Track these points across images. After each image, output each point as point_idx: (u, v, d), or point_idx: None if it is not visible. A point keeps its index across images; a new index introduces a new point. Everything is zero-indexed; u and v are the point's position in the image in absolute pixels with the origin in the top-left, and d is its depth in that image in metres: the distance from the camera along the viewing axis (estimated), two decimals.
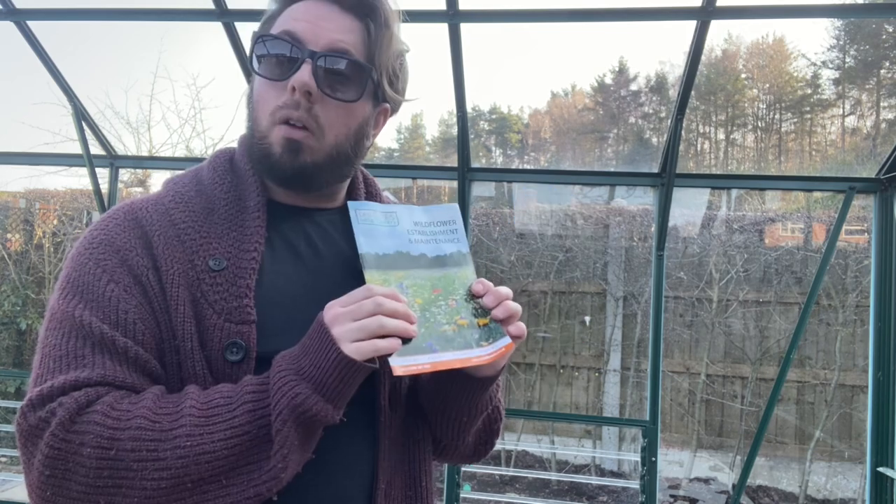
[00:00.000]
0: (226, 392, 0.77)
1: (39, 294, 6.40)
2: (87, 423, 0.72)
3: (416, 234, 0.89)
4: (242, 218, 0.90)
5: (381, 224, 0.87)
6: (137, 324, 0.80)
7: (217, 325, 0.82)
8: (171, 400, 0.76)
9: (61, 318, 0.80)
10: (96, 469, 0.72)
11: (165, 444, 0.72)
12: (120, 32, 7.73)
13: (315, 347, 0.76)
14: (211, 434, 0.73)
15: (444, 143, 7.72)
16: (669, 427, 5.80)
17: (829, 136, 11.00)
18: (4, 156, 3.89)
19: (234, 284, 0.84)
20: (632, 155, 11.50)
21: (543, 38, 9.70)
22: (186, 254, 0.85)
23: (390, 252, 0.86)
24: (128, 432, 0.72)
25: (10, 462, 5.81)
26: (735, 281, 5.65)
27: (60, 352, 0.78)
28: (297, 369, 0.75)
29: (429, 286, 0.86)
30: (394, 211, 0.89)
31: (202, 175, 0.95)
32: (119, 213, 0.89)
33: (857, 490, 5.31)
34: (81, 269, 0.83)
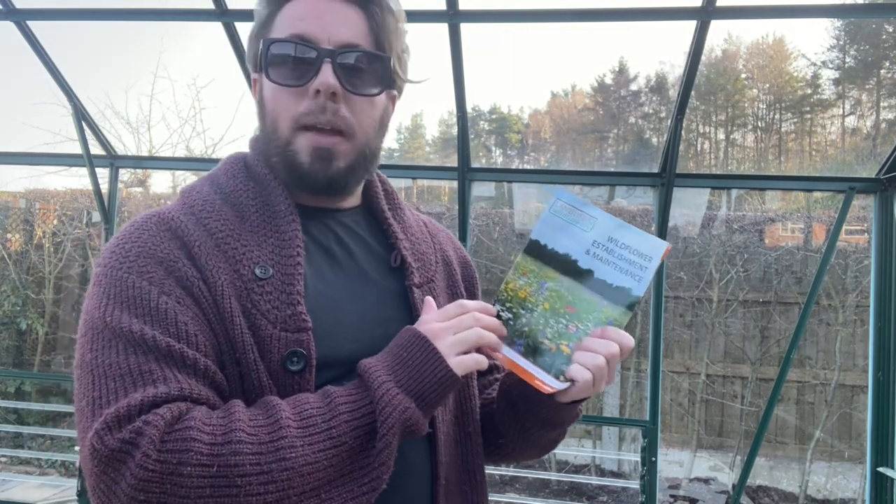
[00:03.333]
0: (314, 403, 0.75)
1: (39, 294, 6.40)
2: (183, 441, 0.67)
3: (602, 250, 0.82)
4: (276, 224, 0.85)
5: (574, 223, 0.83)
6: (199, 336, 0.76)
7: (273, 335, 0.78)
8: (261, 412, 0.73)
9: (112, 335, 0.74)
10: (198, 488, 0.67)
11: (268, 456, 0.69)
12: (120, 32, 7.73)
13: (417, 361, 0.77)
14: (311, 445, 0.71)
15: (444, 143, 7.72)
16: (669, 427, 5.80)
17: (829, 136, 11.00)
18: (4, 156, 3.89)
19: (283, 292, 0.81)
20: (632, 155, 11.49)
21: (543, 38, 9.69)
22: (230, 263, 0.81)
23: (559, 251, 0.83)
24: (228, 447, 0.68)
25: (10, 462, 5.81)
26: (735, 281, 5.65)
27: (121, 370, 0.72)
28: (398, 381, 0.76)
29: (567, 300, 0.82)
30: (595, 217, 0.83)
31: (220, 182, 0.90)
32: (149, 223, 0.82)
33: (857, 490, 5.31)
34: (122, 283, 0.76)
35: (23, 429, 5.91)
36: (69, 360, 6.38)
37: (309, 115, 0.83)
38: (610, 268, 0.82)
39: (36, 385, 6.28)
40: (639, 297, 0.81)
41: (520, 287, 0.83)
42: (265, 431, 0.70)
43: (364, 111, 0.87)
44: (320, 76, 0.82)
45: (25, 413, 6.17)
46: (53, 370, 6.36)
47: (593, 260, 0.82)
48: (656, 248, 0.82)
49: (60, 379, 5.99)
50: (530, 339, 0.82)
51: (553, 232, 0.82)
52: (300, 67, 0.84)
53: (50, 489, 5.02)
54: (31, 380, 6.30)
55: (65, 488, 4.93)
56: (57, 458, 5.66)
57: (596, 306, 0.82)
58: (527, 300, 0.83)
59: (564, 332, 0.82)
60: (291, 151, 0.85)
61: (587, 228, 0.82)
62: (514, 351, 0.82)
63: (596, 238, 0.82)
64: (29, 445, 6.07)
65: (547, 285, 0.82)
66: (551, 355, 0.81)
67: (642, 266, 0.81)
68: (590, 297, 0.82)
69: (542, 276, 0.82)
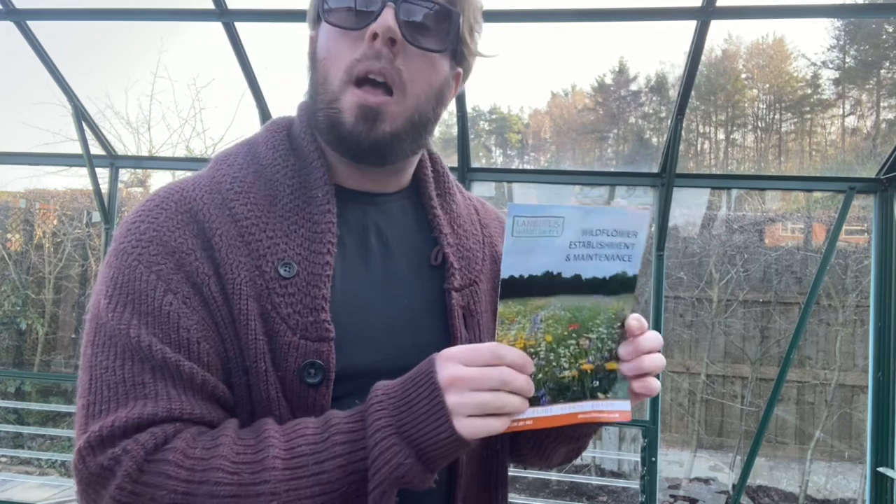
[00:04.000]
0: (310, 437, 0.67)
1: (39, 294, 6.41)
2: (158, 476, 0.64)
3: (581, 246, 0.71)
4: (310, 210, 0.78)
5: (542, 234, 0.69)
6: (202, 343, 0.71)
7: (292, 343, 0.72)
8: (250, 444, 0.67)
9: (111, 333, 0.70)
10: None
11: (246, 501, 0.64)
12: (120, 32, 7.73)
13: (422, 409, 0.65)
14: (297, 491, 0.64)
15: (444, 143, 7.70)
16: (669, 427, 5.80)
17: (829, 136, 11.00)
18: (4, 156, 3.89)
19: (307, 295, 0.73)
20: (632, 155, 11.49)
21: (543, 38, 9.70)
22: (252, 258, 0.74)
23: (537, 274, 0.69)
24: (204, 487, 0.64)
25: (10, 462, 5.81)
26: (735, 281, 5.65)
27: (116, 377, 0.69)
28: (399, 426, 0.65)
29: (567, 319, 0.72)
30: (562, 216, 0.69)
31: (259, 153, 0.82)
32: (170, 202, 0.76)
33: (857, 490, 5.31)
34: (130, 272, 0.72)
35: (23, 429, 5.91)
36: (69, 360, 6.39)
37: (362, 62, 0.75)
38: (595, 262, 0.72)
39: (36, 385, 6.28)
40: (635, 275, 0.74)
41: (513, 338, 0.70)
42: (248, 471, 0.65)
43: (421, 71, 0.78)
44: (380, 19, 0.74)
45: (25, 413, 6.17)
46: (53, 370, 6.36)
47: (576, 263, 0.71)
48: (639, 221, 0.72)
49: (60, 379, 6.00)
50: (550, 382, 0.71)
51: (523, 257, 0.68)
52: (361, 13, 0.76)
53: (50, 489, 5.02)
54: (31, 380, 6.30)
55: (65, 488, 4.93)
56: (57, 458, 5.66)
57: (599, 307, 0.73)
58: (527, 348, 0.70)
59: (579, 352, 0.73)
60: (336, 109, 0.77)
61: (557, 233, 0.69)
62: (540, 406, 0.70)
63: (571, 238, 0.70)
64: (29, 445, 6.07)
65: (540, 317, 0.71)
66: (577, 381, 0.72)
67: (628, 244, 0.72)
68: (588, 302, 0.73)
69: (531, 312, 0.70)
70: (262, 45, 3.13)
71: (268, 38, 3.29)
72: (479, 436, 0.65)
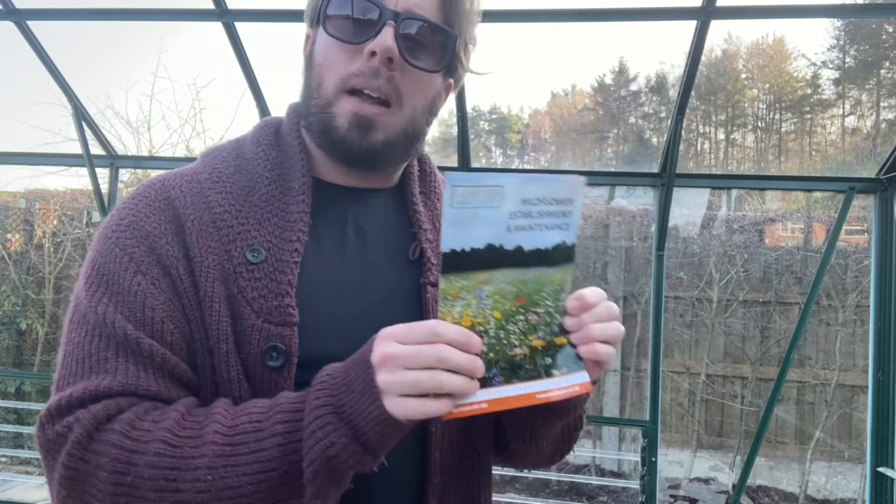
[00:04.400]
0: (255, 415, 0.68)
1: (39, 294, 6.41)
2: (105, 444, 0.66)
3: (521, 217, 0.68)
4: (285, 201, 0.80)
5: (482, 205, 0.66)
6: (166, 322, 0.73)
7: (255, 325, 0.73)
8: (198, 420, 0.68)
9: (85, 311, 0.74)
10: (112, 495, 0.65)
11: (185, 474, 0.65)
12: (120, 32, 7.73)
13: (358, 388, 0.64)
14: (235, 467, 0.65)
15: (444, 143, 7.69)
16: (669, 427, 5.80)
17: (829, 136, 11.00)
18: (4, 156, 3.89)
19: (273, 280, 0.75)
20: (632, 155, 11.49)
21: (543, 38, 9.70)
22: (222, 243, 0.76)
23: (479, 247, 0.67)
24: (145, 458, 0.65)
25: (10, 462, 5.81)
26: (735, 281, 5.65)
27: (83, 352, 0.72)
28: (338, 406, 0.64)
29: (513, 293, 0.69)
30: (501, 185, 0.66)
31: (244, 148, 0.85)
32: (150, 191, 0.79)
33: (857, 490, 5.31)
34: (108, 254, 0.75)
35: (23, 429, 5.91)
36: None
37: (358, 77, 0.77)
38: (536, 232, 0.70)
39: (36, 385, 6.28)
40: (574, 244, 0.72)
41: (458, 316, 0.66)
42: (190, 444, 0.66)
43: (417, 87, 0.80)
44: (380, 38, 0.76)
45: (25, 413, 6.16)
46: (53, 370, 6.35)
47: (517, 234, 0.68)
48: (574, 187, 0.71)
49: None
50: (502, 362, 0.68)
51: (464, 229, 0.66)
52: (360, 25, 0.78)
53: None
54: (31, 380, 6.30)
55: None
56: None
57: (543, 280, 0.71)
58: (474, 326, 0.67)
59: (527, 328, 0.70)
60: (330, 114, 0.79)
61: (497, 203, 0.66)
62: (493, 387, 0.67)
63: (511, 209, 0.67)
64: (29, 445, 6.06)
65: (485, 292, 0.67)
66: (529, 360, 0.70)
67: (566, 212, 0.71)
68: (532, 274, 0.70)
69: (475, 287, 0.67)
70: (262, 45, 3.13)
71: (268, 38, 3.29)
72: (414, 417, 0.62)
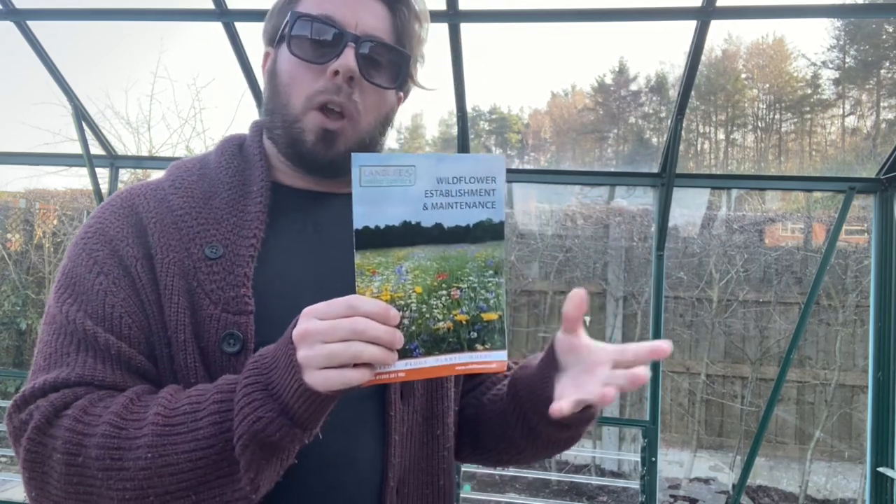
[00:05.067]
0: (194, 397, 0.71)
1: (39, 294, 6.40)
2: (59, 428, 0.71)
3: (438, 195, 0.69)
4: (244, 203, 0.86)
5: (393, 184, 0.68)
6: (124, 318, 0.78)
7: (213, 315, 0.79)
8: (144, 404, 0.73)
9: (54, 313, 0.80)
10: (66, 475, 0.70)
11: (128, 453, 0.69)
12: (120, 32, 7.74)
13: (283, 364, 0.67)
14: (174, 445, 0.68)
15: (444, 143, 7.65)
16: (669, 427, 5.80)
17: (829, 136, 10.99)
18: (4, 156, 3.89)
19: (230, 273, 0.81)
20: (632, 155, 11.49)
21: (543, 38, 9.69)
22: (183, 241, 0.82)
23: (395, 224, 0.68)
24: (93, 439, 0.70)
25: (10, 462, 5.81)
26: (735, 281, 5.65)
27: (50, 349, 0.78)
28: (267, 383, 0.67)
29: (434, 269, 0.70)
30: (412, 165, 0.68)
31: (209, 160, 0.92)
32: (116, 200, 0.87)
33: (857, 490, 5.31)
34: (76, 259, 0.82)
35: None
36: None
37: (323, 94, 0.85)
38: (456, 210, 0.70)
39: None
40: (501, 221, 0.72)
41: (377, 291, 0.68)
42: (134, 426, 0.70)
43: (374, 102, 0.89)
44: (342, 58, 0.84)
45: None
46: None
47: (435, 212, 0.69)
48: (494, 165, 0.71)
49: None
50: (423, 335, 0.70)
51: (376, 207, 0.67)
52: (323, 47, 0.85)
53: None
54: None
55: None
56: None
57: (465, 256, 0.71)
58: (394, 301, 0.68)
59: (451, 303, 0.71)
60: (298, 129, 0.86)
61: (410, 182, 0.68)
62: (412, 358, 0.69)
63: (426, 187, 0.68)
64: None
65: (404, 268, 0.69)
66: (452, 333, 0.71)
67: (488, 190, 0.71)
68: (453, 251, 0.71)
69: (393, 263, 0.68)
70: (261, 45, 3.13)
71: None
72: (335, 387, 0.64)
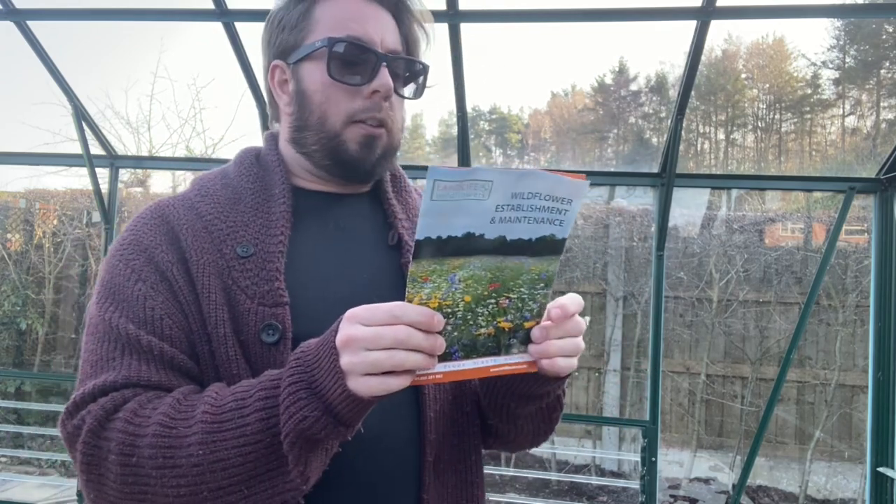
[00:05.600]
0: (240, 393, 0.73)
1: (39, 294, 6.40)
2: (112, 431, 0.74)
3: (508, 209, 0.67)
4: (268, 205, 0.91)
5: (466, 198, 0.64)
6: (164, 319, 0.82)
7: (251, 309, 0.83)
8: (191, 402, 0.75)
9: (97, 322, 0.84)
10: (122, 475, 0.73)
11: (180, 451, 0.71)
12: (120, 32, 7.72)
13: (326, 366, 0.68)
14: (224, 441, 0.70)
15: (444, 143, 7.71)
16: (669, 427, 5.80)
17: (829, 136, 10.99)
18: (4, 156, 3.89)
19: (263, 269, 0.85)
20: (632, 155, 11.49)
21: (543, 38, 9.70)
22: (214, 243, 0.86)
23: (457, 235, 0.66)
24: (146, 439, 0.72)
25: (10, 462, 5.81)
26: (735, 281, 5.65)
27: (95, 356, 0.82)
28: (311, 381, 0.69)
29: (487, 279, 0.69)
30: (490, 180, 0.64)
31: (228, 171, 0.98)
32: (147, 212, 0.91)
33: (857, 490, 5.31)
34: (113, 271, 0.86)
35: (23, 429, 5.91)
36: (69, 360, 6.38)
37: (364, 112, 0.90)
38: (523, 224, 0.68)
39: (36, 385, 6.28)
40: (564, 238, 0.70)
41: (427, 298, 0.67)
42: (183, 425, 0.73)
43: (400, 111, 0.97)
44: (380, 79, 0.90)
45: (25, 413, 6.16)
46: (53, 370, 6.35)
47: (501, 225, 0.67)
48: (576, 189, 0.67)
49: (60, 379, 5.99)
50: (464, 339, 0.70)
51: (443, 219, 0.64)
52: (359, 68, 0.90)
53: (50, 489, 5.02)
54: (31, 380, 6.30)
55: (65, 488, 4.93)
56: (57, 458, 5.65)
57: (521, 268, 0.70)
58: (441, 307, 0.67)
59: (497, 311, 0.71)
60: (340, 140, 0.91)
61: (483, 196, 0.65)
62: (451, 361, 0.70)
63: (498, 202, 0.65)
64: (29, 445, 6.06)
65: (458, 276, 0.67)
66: (493, 339, 0.72)
67: (560, 210, 0.68)
68: (511, 262, 0.69)
69: (447, 271, 0.67)
70: (260, 46, 3.12)
71: None
72: (377, 394, 0.66)
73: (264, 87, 1.01)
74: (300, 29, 0.92)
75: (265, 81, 1.00)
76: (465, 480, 0.94)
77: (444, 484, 0.92)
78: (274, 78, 0.97)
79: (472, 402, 0.96)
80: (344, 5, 0.92)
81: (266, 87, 1.00)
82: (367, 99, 0.90)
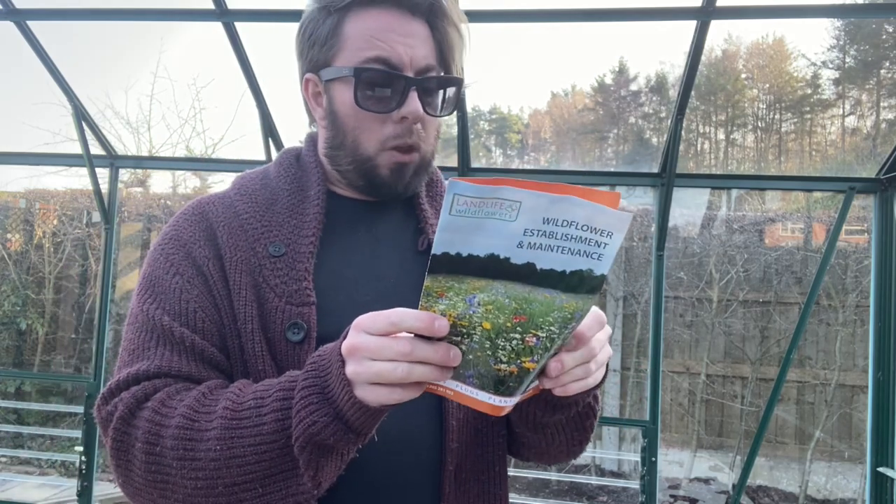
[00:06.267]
0: (260, 391, 0.74)
1: (39, 294, 6.40)
2: (140, 419, 0.77)
3: (539, 235, 0.59)
4: (303, 207, 0.93)
5: (490, 216, 0.58)
6: (198, 312, 0.85)
7: (278, 307, 0.84)
8: (215, 397, 0.77)
9: (136, 313, 0.87)
10: (146, 464, 0.75)
11: (200, 444, 0.73)
12: (120, 32, 7.72)
13: (335, 373, 0.67)
14: (241, 438, 0.71)
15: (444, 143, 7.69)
16: (669, 427, 5.80)
17: (829, 136, 10.99)
18: (4, 156, 3.89)
19: (293, 269, 0.87)
20: (632, 155, 11.49)
21: (543, 38, 9.70)
22: (249, 242, 0.89)
23: (480, 254, 0.59)
24: (169, 430, 0.74)
25: (10, 462, 5.81)
26: (735, 281, 5.65)
27: (132, 346, 0.85)
28: (324, 386, 0.68)
29: (511, 309, 0.61)
30: (518, 201, 0.58)
31: (269, 171, 0.99)
32: (188, 209, 0.94)
33: (857, 490, 5.31)
34: (154, 264, 0.90)
35: (23, 429, 5.92)
36: (69, 360, 6.38)
37: (395, 139, 0.90)
38: (556, 254, 0.60)
39: (36, 385, 6.28)
40: (603, 275, 0.61)
41: (441, 313, 0.62)
42: (205, 419, 0.74)
43: (433, 128, 0.95)
44: (409, 105, 0.87)
45: (25, 413, 6.17)
46: (53, 370, 6.35)
47: (530, 251, 0.60)
48: (619, 222, 0.59)
49: (60, 379, 6.00)
50: (481, 368, 0.63)
51: (463, 235, 0.59)
52: (386, 93, 0.88)
53: (50, 489, 5.02)
54: (31, 380, 6.30)
55: (65, 488, 4.93)
56: (57, 458, 5.66)
57: (553, 304, 0.62)
58: (456, 325, 0.62)
59: (523, 349, 0.63)
60: (373, 164, 0.91)
61: (510, 217, 0.58)
62: (464, 384, 0.65)
63: (527, 226, 0.59)
64: (29, 445, 6.07)
65: (477, 299, 0.61)
66: (515, 378, 0.64)
67: (599, 243, 0.60)
68: (540, 295, 0.61)
69: (466, 291, 0.61)
70: (262, 45, 3.13)
71: (268, 38, 3.29)
72: (386, 403, 0.64)
73: (301, 94, 1.00)
74: (330, 46, 0.91)
75: (301, 90, 0.99)
76: (487, 492, 0.92)
77: (466, 493, 0.90)
78: (308, 90, 0.97)
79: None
80: (373, 20, 0.88)
81: (302, 95, 0.99)
82: (398, 124, 0.89)
